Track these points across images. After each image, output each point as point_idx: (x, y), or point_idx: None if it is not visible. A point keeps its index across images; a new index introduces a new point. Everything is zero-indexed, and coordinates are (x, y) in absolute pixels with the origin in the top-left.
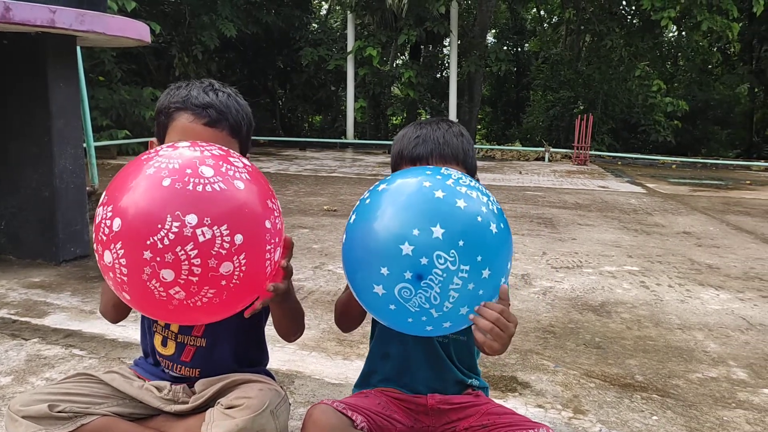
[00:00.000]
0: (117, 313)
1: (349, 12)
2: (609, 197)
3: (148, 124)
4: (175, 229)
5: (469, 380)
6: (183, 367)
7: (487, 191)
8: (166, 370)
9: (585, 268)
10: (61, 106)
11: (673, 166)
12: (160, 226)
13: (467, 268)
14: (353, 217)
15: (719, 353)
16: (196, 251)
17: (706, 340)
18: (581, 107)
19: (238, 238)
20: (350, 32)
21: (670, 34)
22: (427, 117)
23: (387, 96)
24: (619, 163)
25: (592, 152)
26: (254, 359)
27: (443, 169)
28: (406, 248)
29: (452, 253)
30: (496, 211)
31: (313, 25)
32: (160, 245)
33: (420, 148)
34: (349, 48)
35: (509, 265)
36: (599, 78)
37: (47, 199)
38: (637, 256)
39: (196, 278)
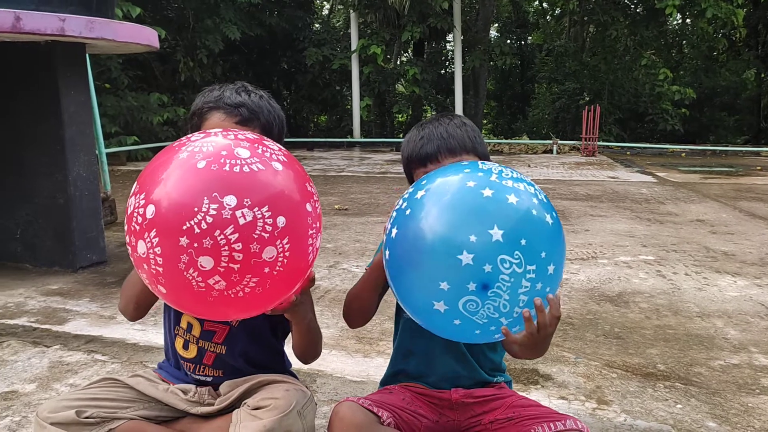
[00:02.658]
0: (137, 311)
1: (351, 11)
2: (620, 187)
3: (156, 129)
4: (213, 212)
5: (494, 379)
6: (206, 368)
7: (531, 180)
8: (189, 373)
9: (600, 258)
10: (73, 114)
11: (683, 155)
12: (196, 209)
13: (533, 267)
14: (394, 231)
15: (740, 340)
16: (236, 235)
17: (726, 327)
18: (587, 98)
19: (281, 221)
20: (353, 31)
21: (675, 22)
22: (432, 113)
23: (392, 93)
24: (628, 153)
25: (600, 143)
26: (275, 368)
27: (480, 163)
28: (466, 257)
29: (516, 254)
30: (545, 200)
31: (316, 25)
32: (197, 230)
33: (426, 148)
34: (353, 47)
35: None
36: (605, 68)
37: (62, 206)
38: (651, 245)
39: (238, 265)
